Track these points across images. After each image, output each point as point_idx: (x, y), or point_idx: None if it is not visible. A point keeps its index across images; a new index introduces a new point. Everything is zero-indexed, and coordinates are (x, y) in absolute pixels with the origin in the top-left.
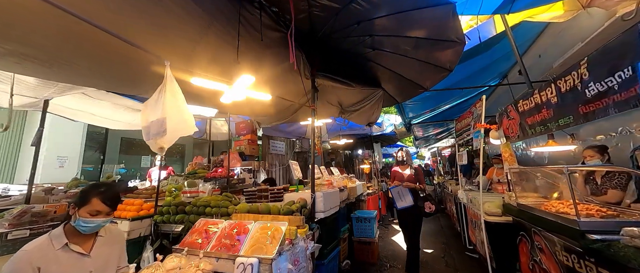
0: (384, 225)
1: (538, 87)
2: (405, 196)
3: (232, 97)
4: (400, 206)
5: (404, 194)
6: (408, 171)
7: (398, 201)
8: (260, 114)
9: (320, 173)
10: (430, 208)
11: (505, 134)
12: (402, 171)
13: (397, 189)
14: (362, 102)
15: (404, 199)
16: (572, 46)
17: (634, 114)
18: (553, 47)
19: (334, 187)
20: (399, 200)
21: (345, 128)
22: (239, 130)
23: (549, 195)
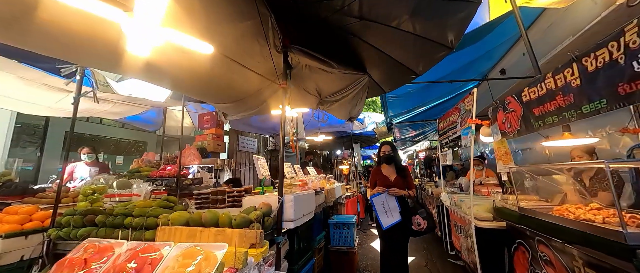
0: (363, 230)
1: (552, 70)
2: (393, 209)
3: (141, 39)
4: (386, 225)
5: (390, 206)
6: (394, 173)
7: (383, 217)
8: (221, 98)
9: (293, 172)
10: (419, 226)
11: (501, 130)
12: (386, 173)
13: (381, 198)
14: (344, 91)
15: (391, 213)
16: (560, 42)
17: (619, 114)
18: (539, 44)
19: (309, 189)
20: (385, 215)
21: (323, 125)
22: (201, 123)
23: (552, 198)
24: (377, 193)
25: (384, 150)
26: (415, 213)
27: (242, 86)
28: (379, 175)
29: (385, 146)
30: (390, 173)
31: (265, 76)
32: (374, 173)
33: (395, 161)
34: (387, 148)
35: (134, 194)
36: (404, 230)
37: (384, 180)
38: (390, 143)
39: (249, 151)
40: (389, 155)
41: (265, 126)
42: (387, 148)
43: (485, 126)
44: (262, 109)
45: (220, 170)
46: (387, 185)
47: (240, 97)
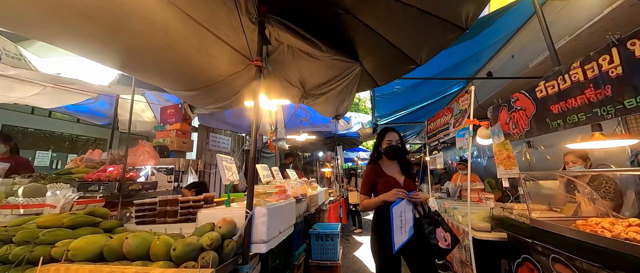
0: (345, 237)
1: (580, 59)
2: (407, 222)
3: None
4: (398, 244)
5: (406, 217)
6: (400, 172)
7: (397, 235)
8: (182, 83)
9: (270, 176)
10: (445, 242)
11: (504, 132)
12: (391, 173)
13: (401, 208)
14: (331, 82)
15: (404, 228)
16: (555, 42)
17: None
18: (531, 45)
19: (289, 197)
20: (399, 232)
21: (306, 124)
22: (164, 117)
23: (563, 208)
24: (397, 200)
25: (390, 139)
26: (437, 225)
27: (208, 67)
28: (380, 175)
29: (392, 133)
30: (395, 172)
31: (236, 50)
32: (371, 172)
33: (404, 155)
34: (395, 137)
35: (46, 204)
36: (425, 251)
37: (390, 182)
38: (396, 129)
39: (222, 151)
40: (397, 147)
41: (242, 123)
42: (394, 135)
43: (484, 128)
44: (235, 102)
45: (183, 172)
46: (396, 187)
47: (206, 83)
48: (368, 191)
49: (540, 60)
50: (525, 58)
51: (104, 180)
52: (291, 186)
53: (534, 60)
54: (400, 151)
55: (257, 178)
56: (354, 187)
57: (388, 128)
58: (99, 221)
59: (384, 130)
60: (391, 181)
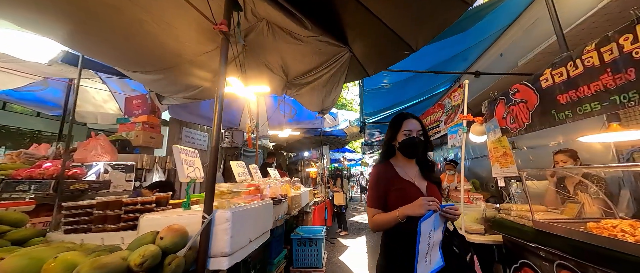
0: (330, 240)
1: (596, 41)
2: (436, 244)
3: None
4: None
5: (435, 239)
6: (420, 176)
7: (421, 263)
8: (139, 61)
9: (247, 174)
10: None
11: (501, 127)
12: (411, 177)
13: (430, 224)
14: (318, 70)
15: (431, 253)
16: (546, 39)
17: None
18: (520, 43)
19: (265, 197)
20: (425, 260)
21: (291, 120)
22: (129, 108)
23: (564, 209)
24: (427, 213)
25: (409, 128)
26: (468, 250)
27: (168, 42)
28: (394, 179)
29: (411, 121)
30: (414, 175)
31: (204, 16)
32: (381, 176)
33: (426, 152)
34: (416, 125)
35: None
36: None
37: (409, 190)
38: (417, 117)
39: (198, 147)
40: (418, 141)
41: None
42: (414, 124)
43: (478, 124)
44: (209, 91)
45: (148, 170)
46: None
47: (169, 63)
48: (380, 203)
49: (530, 58)
50: (514, 56)
51: (37, 177)
52: (269, 186)
53: (523, 58)
54: (423, 146)
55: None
56: (340, 188)
57: (406, 114)
58: (6, 231)
59: (400, 117)
60: (410, 189)
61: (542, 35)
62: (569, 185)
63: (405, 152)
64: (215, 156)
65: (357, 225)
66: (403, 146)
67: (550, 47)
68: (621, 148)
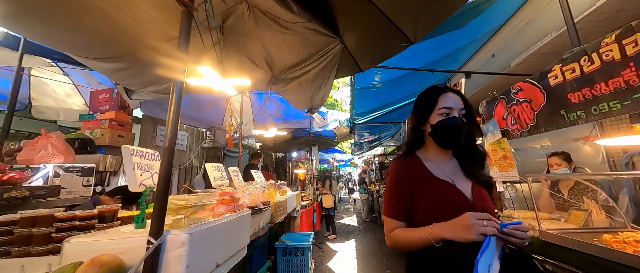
0: (318, 245)
1: (616, 33)
2: None
3: None
4: None
5: (494, 269)
6: (460, 172)
7: None
8: (93, 45)
9: (225, 178)
10: None
11: (501, 128)
12: (447, 175)
13: (489, 258)
14: (306, 63)
15: None
16: (539, 39)
17: None
18: (512, 44)
19: (241, 207)
20: None
21: (278, 120)
22: (95, 103)
23: (569, 218)
24: (485, 242)
25: (449, 106)
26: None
27: (124, 20)
28: (423, 177)
29: (449, 97)
30: (454, 173)
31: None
32: (403, 174)
33: (472, 140)
34: (457, 102)
35: None
36: None
37: (446, 194)
38: (458, 91)
39: (176, 148)
40: (462, 122)
41: (202, 116)
42: (454, 99)
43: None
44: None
45: (113, 173)
46: (461, 208)
47: (130, 49)
48: (402, 213)
49: (523, 58)
50: (506, 57)
51: None
52: (248, 193)
53: (516, 58)
54: (461, 131)
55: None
56: (328, 190)
57: (443, 87)
58: None
59: (433, 91)
60: (449, 194)
61: (535, 36)
62: (563, 188)
63: (442, 139)
64: (169, 159)
65: (346, 228)
66: (439, 131)
67: (544, 47)
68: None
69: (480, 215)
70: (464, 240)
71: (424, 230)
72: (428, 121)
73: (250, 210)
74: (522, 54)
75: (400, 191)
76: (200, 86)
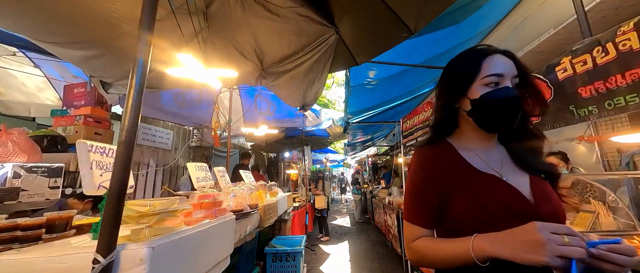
0: (311, 247)
1: (634, 20)
2: None
3: None
4: None
5: None
6: (514, 163)
7: None
8: (49, 23)
9: (209, 179)
10: None
11: None
12: (492, 167)
13: None
14: (298, 55)
15: None
16: (536, 37)
17: None
18: (507, 42)
19: (224, 212)
20: None
21: (270, 118)
22: (69, 98)
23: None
24: (571, 264)
25: (500, 72)
26: None
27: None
28: (466, 173)
29: (500, 59)
30: (501, 163)
31: None
32: (434, 163)
33: (526, 119)
34: (509, 67)
35: None
36: None
37: (498, 194)
38: (509, 52)
39: (160, 147)
40: (514, 98)
41: (189, 114)
42: (507, 63)
43: None
44: (165, 78)
45: None
46: (519, 213)
47: (101, 33)
48: (429, 218)
49: (520, 55)
50: None
51: None
52: (232, 195)
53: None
54: (518, 106)
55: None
56: (321, 191)
57: (488, 48)
58: None
59: (474, 54)
60: (497, 192)
61: (532, 33)
62: (560, 190)
63: (490, 120)
64: (125, 155)
65: (339, 229)
66: (486, 108)
67: (542, 45)
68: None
69: (555, 228)
70: (530, 262)
71: (462, 243)
72: (466, 96)
73: (234, 214)
74: (517, 53)
75: (426, 190)
76: (180, 78)
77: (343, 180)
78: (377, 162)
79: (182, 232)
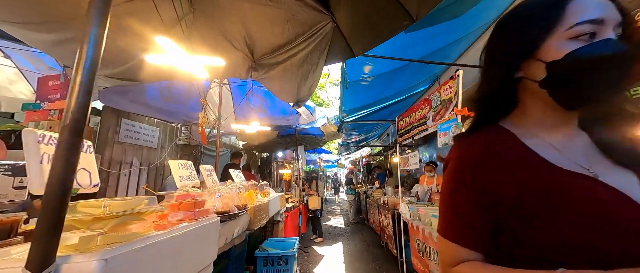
0: (303, 249)
1: None
2: None
3: None
4: None
5: None
6: (600, 153)
7: None
8: (15, 6)
9: (194, 177)
10: None
11: None
12: (585, 164)
13: None
14: (292, 45)
15: None
16: None
17: None
18: None
19: (206, 213)
20: None
21: (262, 115)
22: (44, 91)
23: None
24: None
25: (598, 16)
26: None
27: None
28: (539, 171)
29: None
30: (587, 152)
31: None
32: (485, 158)
33: None
34: (611, 11)
35: None
36: None
37: (592, 200)
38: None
39: (144, 145)
40: (626, 50)
41: (176, 110)
42: (606, 4)
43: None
44: (148, 69)
45: None
46: None
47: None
48: (475, 235)
49: None
50: None
51: None
52: (218, 195)
53: None
54: None
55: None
56: (315, 191)
57: None
58: None
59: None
60: (592, 199)
61: None
62: None
63: (579, 93)
64: (69, 146)
65: (333, 230)
66: (576, 74)
67: None
68: None
69: None
70: None
71: None
72: (536, 57)
73: (219, 216)
74: None
75: (473, 199)
76: (162, 68)
77: (337, 180)
78: (371, 162)
79: (148, 239)
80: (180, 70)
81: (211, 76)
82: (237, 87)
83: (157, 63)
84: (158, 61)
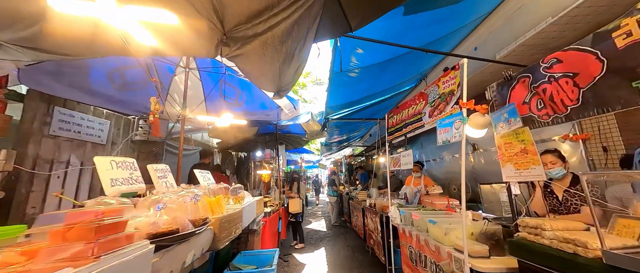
0: (283, 258)
1: None
2: None
3: None
4: None
5: None
6: None
7: None
8: None
9: (135, 183)
10: None
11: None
12: None
13: None
14: (273, 11)
15: None
16: (532, 27)
17: None
18: (501, 32)
19: (127, 242)
20: None
21: (238, 110)
22: None
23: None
24: None
25: None
26: None
27: None
28: None
29: None
30: None
31: None
32: None
33: None
34: None
35: None
36: None
37: None
38: None
39: (87, 140)
40: None
41: (129, 99)
42: None
43: (479, 114)
44: (63, 31)
45: None
46: None
47: None
48: None
49: (510, 50)
50: (491, 49)
51: None
52: (159, 207)
53: (503, 50)
54: None
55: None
56: (296, 193)
57: None
58: None
59: None
60: None
61: (527, 24)
62: (556, 190)
63: None
64: None
65: (315, 234)
66: None
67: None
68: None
69: None
70: None
71: None
72: None
73: (155, 240)
74: (508, 46)
75: None
76: (80, 25)
77: (317, 181)
78: (352, 163)
79: None
80: (108, 25)
81: (165, 49)
82: (208, 75)
83: (70, 12)
84: (67, 8)
